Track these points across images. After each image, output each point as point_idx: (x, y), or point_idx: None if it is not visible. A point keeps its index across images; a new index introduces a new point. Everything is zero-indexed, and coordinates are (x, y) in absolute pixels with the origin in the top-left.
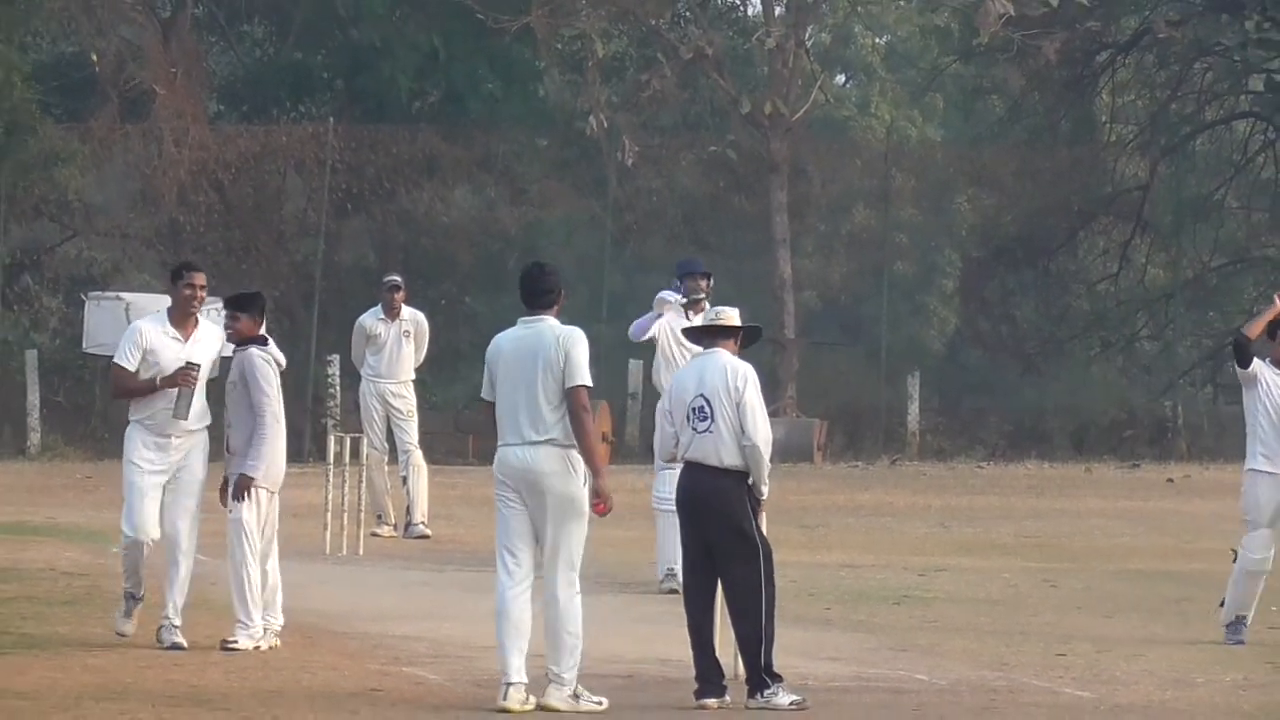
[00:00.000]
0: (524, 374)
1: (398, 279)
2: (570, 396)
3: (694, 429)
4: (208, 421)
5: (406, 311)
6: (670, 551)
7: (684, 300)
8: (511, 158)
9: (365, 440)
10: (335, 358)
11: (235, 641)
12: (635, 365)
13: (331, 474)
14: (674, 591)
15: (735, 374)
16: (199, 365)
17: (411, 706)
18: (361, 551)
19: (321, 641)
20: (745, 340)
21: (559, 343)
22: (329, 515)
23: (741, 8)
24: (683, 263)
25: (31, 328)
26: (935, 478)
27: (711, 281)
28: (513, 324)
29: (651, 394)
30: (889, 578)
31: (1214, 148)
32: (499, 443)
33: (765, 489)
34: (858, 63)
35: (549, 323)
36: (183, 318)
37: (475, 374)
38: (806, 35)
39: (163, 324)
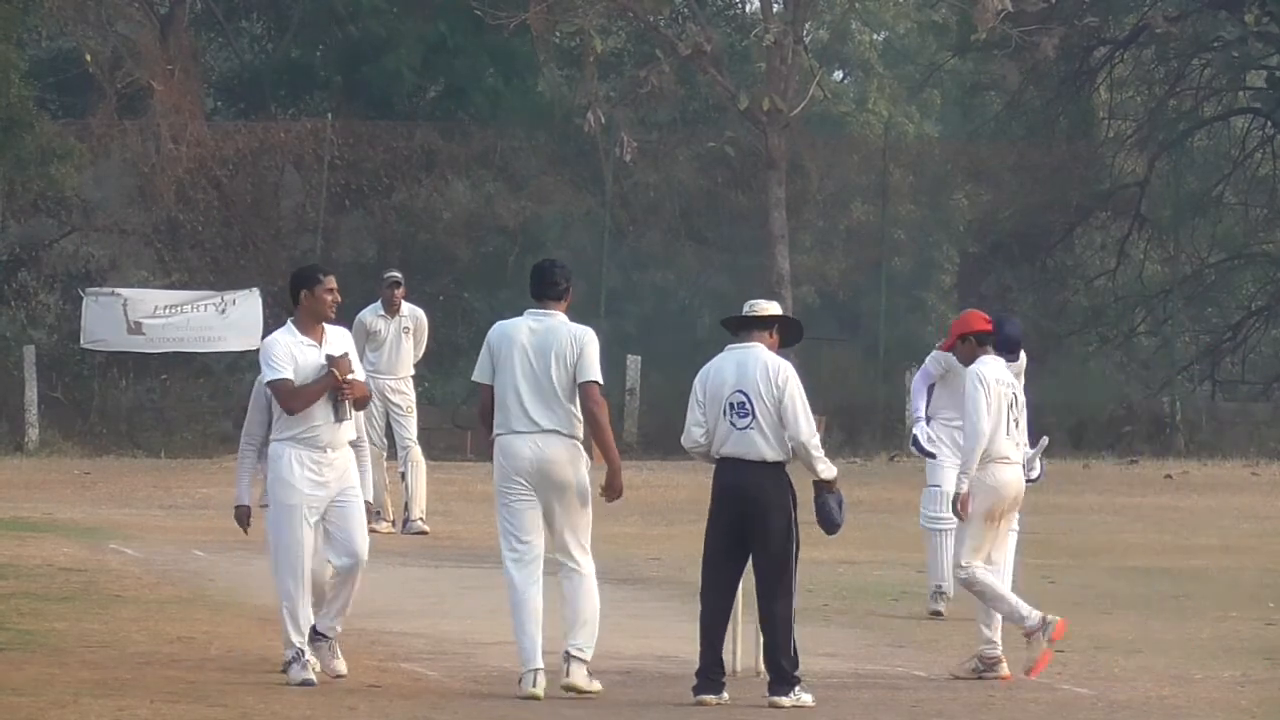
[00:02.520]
0: (537, 366)
1: (398, 275)
2: (584, 391)
3: (733, 424)
4: (353, 435)
5: (406, 307)
6: (947, 570)
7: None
8: (509, 153)
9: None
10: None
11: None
12: (633, 360)
13: None
14: (938, 614)
15: (777, 372)
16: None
17: (410, 703)
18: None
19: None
20: (785, 337)
21: (574, 339)
22: None
23: (739, 4)
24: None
25: (29, 323)
26: None
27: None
28: (513, 317)
29: (649, 390)
30: (887, 574)
31: (1212, 143)
32: (501, 430)
33: (824, 469)
34: (855, 59)
35: (561, 318)
36: (314, 324)
37: (473, 368)
38: (804, 31)
39: (293, 334)
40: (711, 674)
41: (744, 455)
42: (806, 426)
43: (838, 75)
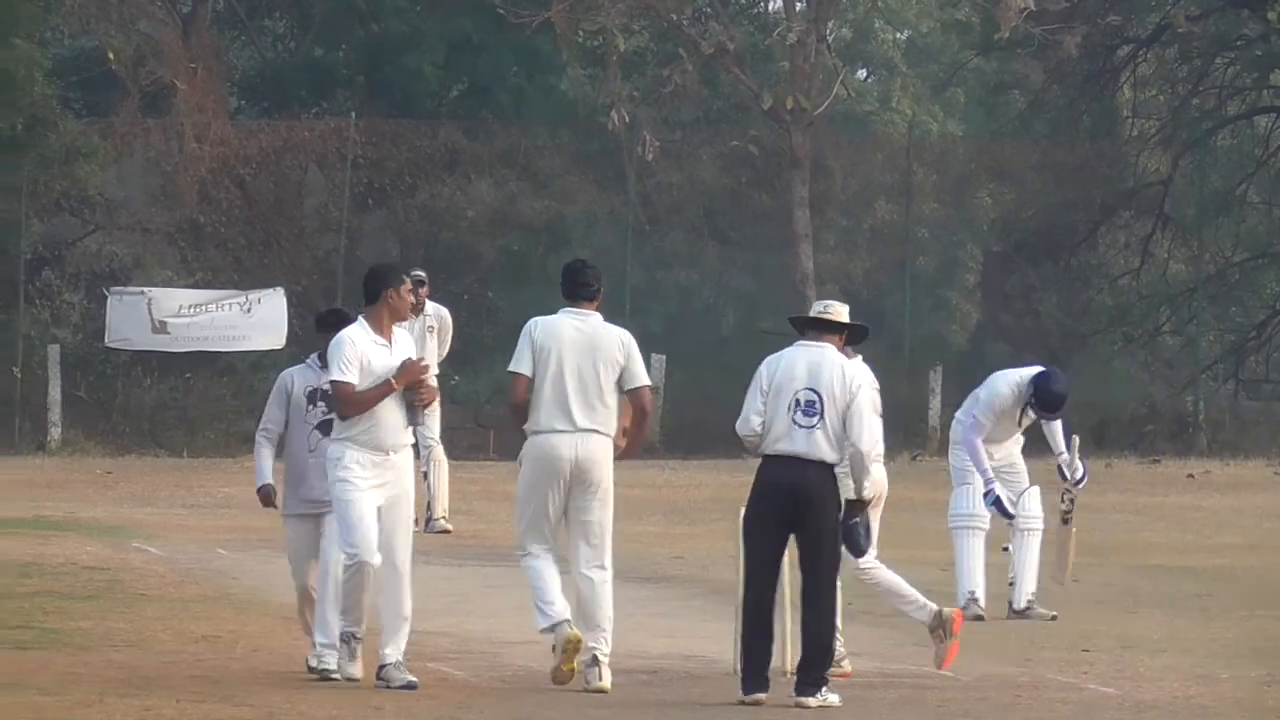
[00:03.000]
0: (584, 366)
1: (422, 274)
2: (638, 396)
3: (796, 421)
4: (411, 438)
5: (430, 306)
6: (978, 575)
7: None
8: (533, 152)
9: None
10: None
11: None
12: (658, 359)
13: None
14: (978, 618)
15: (852, 378)
16: (427, 364)
17: (435, 702)
18: None
19: None
20: (852, 339)
21: (621, 344)
22: None
23: (762, 3)
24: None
25: (53, 323)
26: None
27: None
28: (537, 315)
29: (673, 389)
30: (911, 573)
31: (1235, 142)
32: (540, 428)
33: (868, 489)
34: (879, 58)
35: (599, 319)
36: (389, 324)
37: (498, 367)
38: (827, 30)
39: (367, 331)
40: (762, 673)
41: (805, 454)
42: (869, 436)
43: (861, 74)
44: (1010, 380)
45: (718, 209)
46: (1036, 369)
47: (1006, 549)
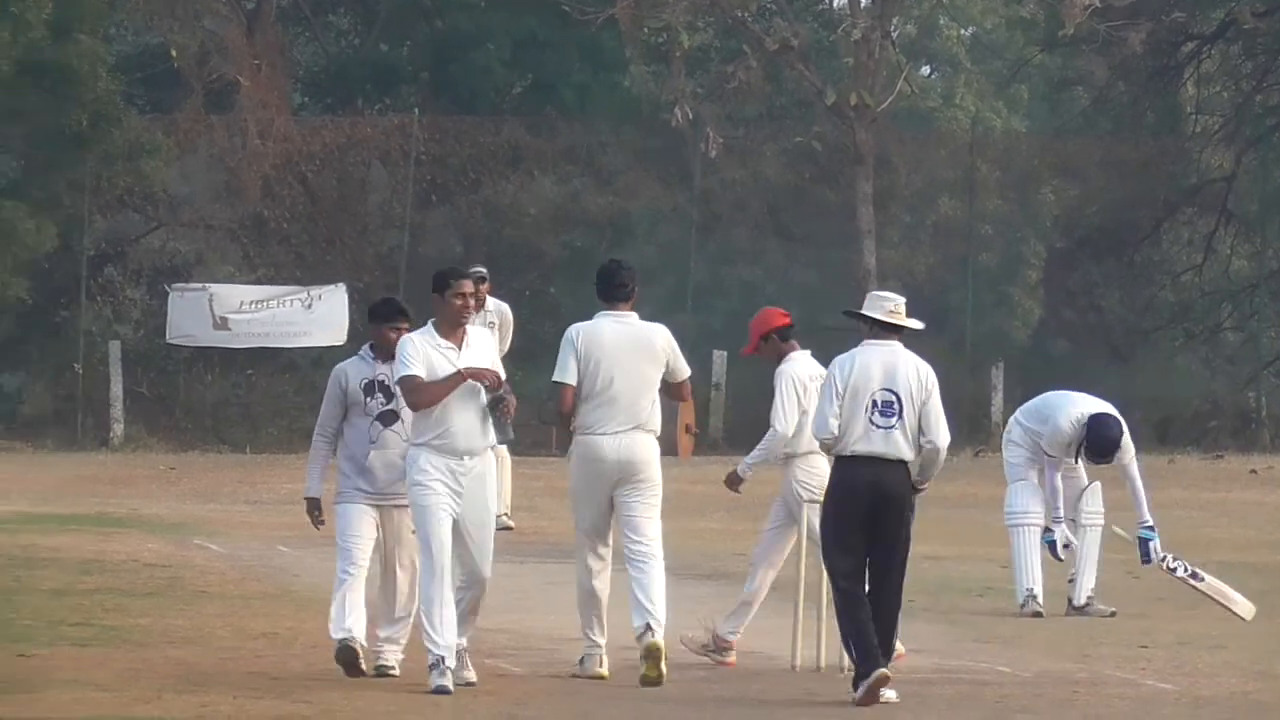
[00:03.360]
0: (628, 367)
1: (483, 270)
2: (681, 388)
3: (874, 422)
4: (493, 441)
5: (491, 302)
6: (1035, 572)
7: None
8: (596, 148)
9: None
10: None
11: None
12: (719, 356)
13: None
14: (1037, 614)
15: (927, 376)
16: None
17: (493, 699)
18: None
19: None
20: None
21: (665, 341)
22: None
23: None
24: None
25: (115, 319)
26: None
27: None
28: (590, 315)
29: (734, 385)
30: (972, 569)
31: None
32: (588, 431)
33: (927, 486)
34: (943, 54)
35: (636, 318)
36: (452, 327)
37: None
38: (891, 26)
39: (431, 335)
40: (874, 655)
41: (885, 454)
42: (946, 434)
43: (925, 70)
44: (1071, 416)
45: (781, 205)
46: (1095, 409)
47: (1068, 545)
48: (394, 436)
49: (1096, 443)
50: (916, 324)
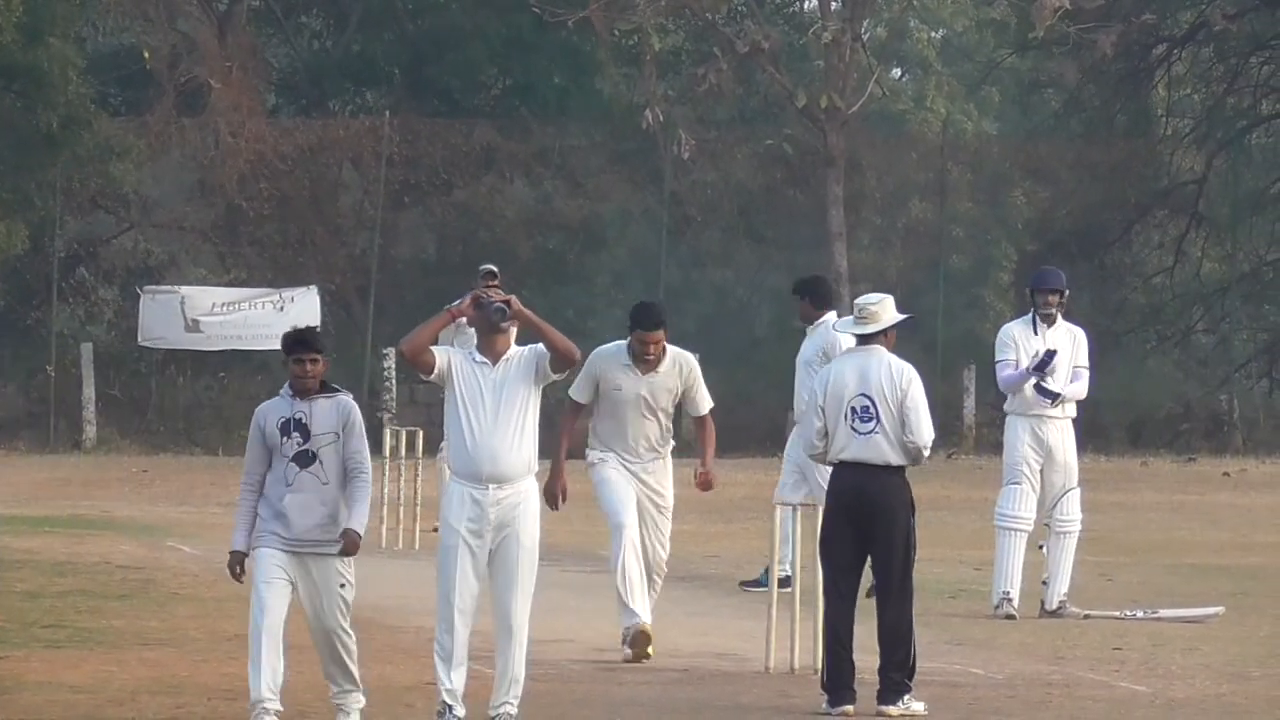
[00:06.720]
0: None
1: (493, 268)
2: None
3: (854, 429)
4: (535, 469)
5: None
6: (1015, 577)
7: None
8: (568, 151)
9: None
10: (391, 351)
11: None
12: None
13: (388, 468)
14: (1010, 617)
15: (900, 374)
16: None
17: (469, 700)
18: (418, 546)
19: (376, 636)
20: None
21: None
22: (385, 509)
23: (797, 2)
24: (1037, 276)
25: (87, 320)
26: (992, 472)
27: (1065, 297)
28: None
29: (707, 388)
30: (945, 572)
31: (1270, 141)
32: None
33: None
34: (913, 56)
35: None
36: (482, 343)
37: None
38: (862, 29)
39: (470, 351)
40: (847, 683)
41: (868, 460)
42: (928, 431)
43: (896, 73)
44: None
45: (752, 208)
46: None
47: (1042, 548)
48: (311, 479)
49: (1039, 277)
50: (882, 323)
